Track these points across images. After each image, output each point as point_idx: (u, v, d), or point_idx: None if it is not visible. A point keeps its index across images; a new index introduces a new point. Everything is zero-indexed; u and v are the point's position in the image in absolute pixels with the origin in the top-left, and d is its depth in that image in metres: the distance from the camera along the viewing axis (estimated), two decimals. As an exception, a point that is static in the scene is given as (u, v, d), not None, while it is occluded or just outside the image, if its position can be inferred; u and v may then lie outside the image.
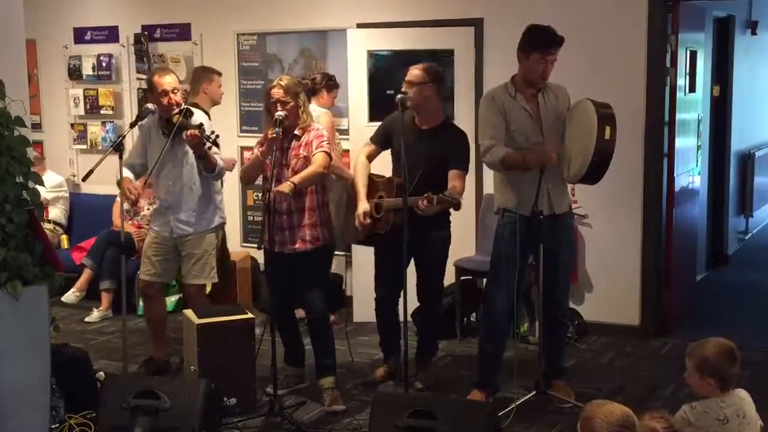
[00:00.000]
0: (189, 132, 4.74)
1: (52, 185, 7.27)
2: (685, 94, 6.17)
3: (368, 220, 4.76)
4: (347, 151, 6.15)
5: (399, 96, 4.66)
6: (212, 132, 4.76)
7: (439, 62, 5.81)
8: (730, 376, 3.28)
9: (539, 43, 4.48)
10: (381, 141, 4.96)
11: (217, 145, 4.79)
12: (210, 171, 4.93)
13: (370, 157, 4.97)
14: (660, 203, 5.88)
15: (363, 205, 4.81)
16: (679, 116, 5.98)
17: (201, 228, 5.10)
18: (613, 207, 5.87)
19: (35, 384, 3.95)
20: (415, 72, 4.78)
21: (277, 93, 4.63)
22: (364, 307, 5.85)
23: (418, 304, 5.14)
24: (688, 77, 6.23)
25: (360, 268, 5.17)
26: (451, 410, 3.89)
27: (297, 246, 4.69)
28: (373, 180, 4.91)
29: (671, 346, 5.75)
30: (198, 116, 4.96)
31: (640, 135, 5.78)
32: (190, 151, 4.91)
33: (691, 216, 6.62)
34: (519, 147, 4.50)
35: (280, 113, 4.55)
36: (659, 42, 5.74)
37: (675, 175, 6.00)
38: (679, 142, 6.05)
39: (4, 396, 3.80)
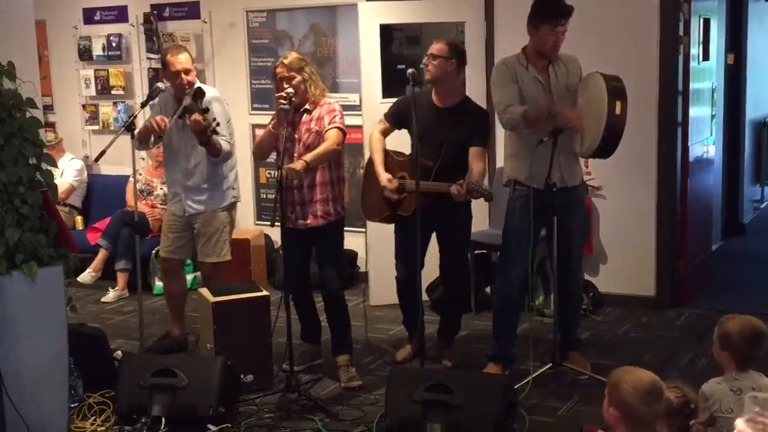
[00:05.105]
0: (192, 118, 4.72)
1: (75, 173, 7.29)
2: (698, 63, 6.11)
3: (395, 183, 4.70)
4: (359, 126, 6.12)
5: (410, 70, 4.62)
6: (213, 119, 4.74)
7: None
8: (749, 357, 3.24)
9: (549, 14, 4.44)
10: (394, 120, 4.89)
11: (216, 133, 4.78)
12: (214, 156, 4.93)
13: (384, 134, 4.93)
14: (674, 173, 5.84)
15: (385, 175, 4.73)
16: (692, 85, 5.93)
17: (212, 206, 5.10)
18: (627, 178, 5.84)
19: (53, 364, 3.97)
20: (438, 45, 4.73)
21: (280, 71, 4.62)
22: (381, 290, 5.84)
23: (438, 281, 5.12)
24: (701, 45, 6.17)
25: (377, 251, 5.11)
26: (467, 383, 3.91)
27: (309, 221, 4.69)
28: (391, 157, 4.86)
29: (687, 317, 5.74)
30: (207, 101, 4.94)
31: (654, 105, 5.74)
32: None
33: (705, 185, 6.58)
34: None
35: (288, 90, 4.54)
36: (672, 10, 5.67)
37: (689, 144, 5.95)
38: (693, 111, 6.00)
39: (22, 377, 3.82)
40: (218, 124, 4.75)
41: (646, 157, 5.79)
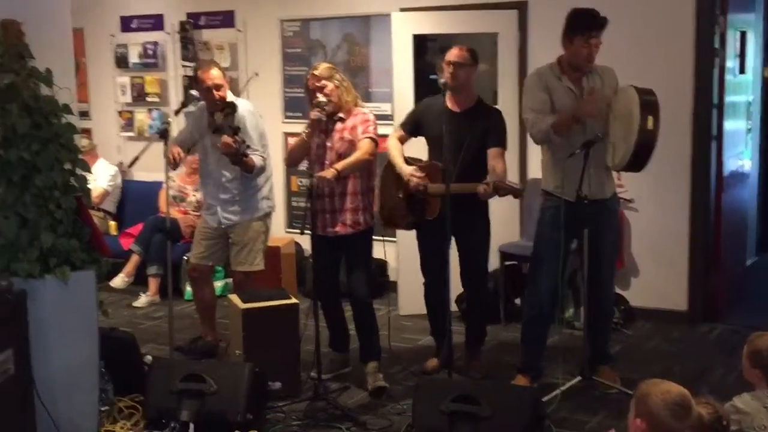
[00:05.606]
0: (222, 140, 4.77)
1: (109, 177, 7.37)
2: (735, 76, 6.06)
3: (420, 174, 4.70)
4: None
5: (442, 81, 4.64)
6: (243, 141, 4.79)
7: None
8: None
9: (582, 26, 4.43)
10: (410, 128, 4.94)
11: (245, 155, 4.83)
12: (247, 172, 4.97)
13: (400, 143, 4.94)
14: (708, 187, 5.78)
15: (408, 168, 4.75)
16: (728, 99, 5.88)
17: (247, 216, 5.14)
18: (661, 191, 5.79)
19: (84, 368, 4.02)
20: (460, 53, 4.73)
21: (312, 83, 4.66)
22: (410, 300, 5.84)
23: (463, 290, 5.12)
24: (738, 59, 6.11)
25: (407, 261, 5.12)
26: (494, 395, 3.89)
27: (338, 229, 4.71)
28: (410, 164, 4.87)
29: (719, 332, 5.67)
30: (240, 115, 4.97)
31: (688, 118, 5.69)
32: None
33: (740, 199, 6.51)
34: None
35: (321, 99, 4.57)
36: (707, 23, 5.63)
37: (724, 158, 5.90)
38: (728, 124, 5.95)
39: (54, 379, 3.87)
40: (248, 146, 4.80)
41: (679, 170, 5.74)
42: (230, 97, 5.08)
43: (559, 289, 4.61)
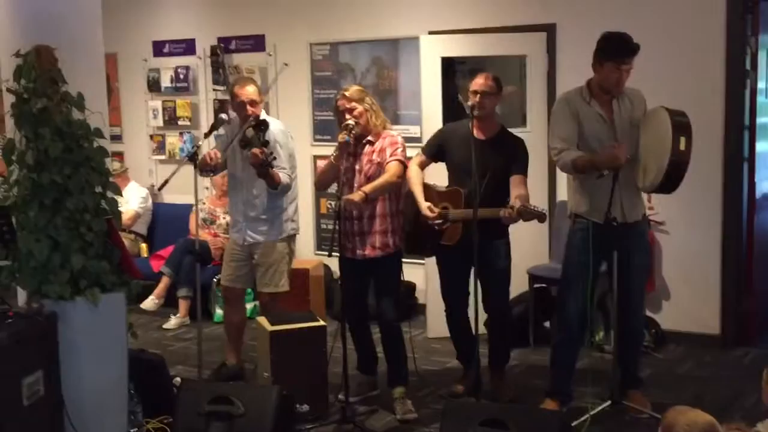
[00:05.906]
0: (251, 152, 4.81)
1: (140, 200, 7.44)
2: (766, 98, 6.01)
3: (436, 212, 4.70)
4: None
5: (470, 103, 4.64)
6: (270, 153, 4.82)
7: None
8: None
9: (614, 52, 4.39)
10: (433, 152, 4.94)
11: (271, 167, 4.85)
12: (272, 188, 5.00)
13: (421, 167, 4.93)
14: (740, 209, 5.73)
15: (425, 204, 4.74)
16: (759, 120, 5.84)
17: (272, 237, 5.16)
18: (692, 213, 5.74)
19: (114, 389, 4.05)
20: (487, 82, 4.74)
21: (342, 104, 4.69)
22: (439, 322, 5.80)
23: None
24: (770, 80, 6.07)
25: (436, 283, 5.13)
26: (522, 419, 3.85)
27: (367, 252, 4.72)
28: (431, 189, 4.87)
29: (753, 356, 5.59)
30: (271, 133, 5.01)
31: (719, 139, 5.64)
32: None
33: (773, 222, 6.44)
34: (593, 152, 4.44)
35: (349, 122, 4.59)
36: (738, 44, 5.59)
37: (756, 180, 5.85)
38: (761, 146, 5.90)
39: (83, 400, 3.90)
40: (274, 158, 4.83)
41: (710, 192, 5.69)
42: (263, 116, 5.12)
43: (589, 312, 4.57)
